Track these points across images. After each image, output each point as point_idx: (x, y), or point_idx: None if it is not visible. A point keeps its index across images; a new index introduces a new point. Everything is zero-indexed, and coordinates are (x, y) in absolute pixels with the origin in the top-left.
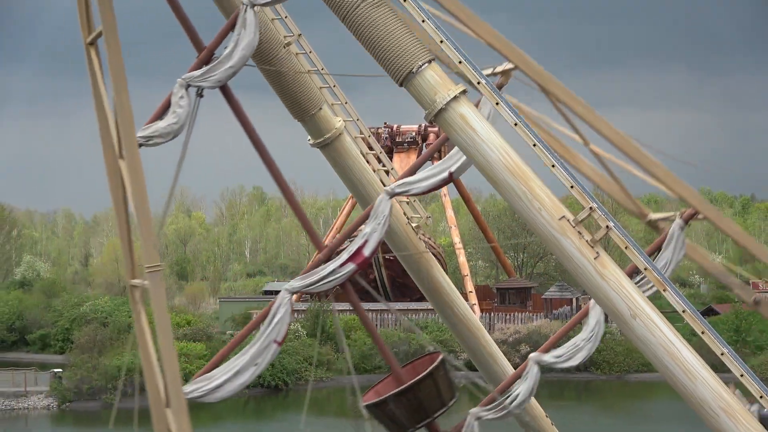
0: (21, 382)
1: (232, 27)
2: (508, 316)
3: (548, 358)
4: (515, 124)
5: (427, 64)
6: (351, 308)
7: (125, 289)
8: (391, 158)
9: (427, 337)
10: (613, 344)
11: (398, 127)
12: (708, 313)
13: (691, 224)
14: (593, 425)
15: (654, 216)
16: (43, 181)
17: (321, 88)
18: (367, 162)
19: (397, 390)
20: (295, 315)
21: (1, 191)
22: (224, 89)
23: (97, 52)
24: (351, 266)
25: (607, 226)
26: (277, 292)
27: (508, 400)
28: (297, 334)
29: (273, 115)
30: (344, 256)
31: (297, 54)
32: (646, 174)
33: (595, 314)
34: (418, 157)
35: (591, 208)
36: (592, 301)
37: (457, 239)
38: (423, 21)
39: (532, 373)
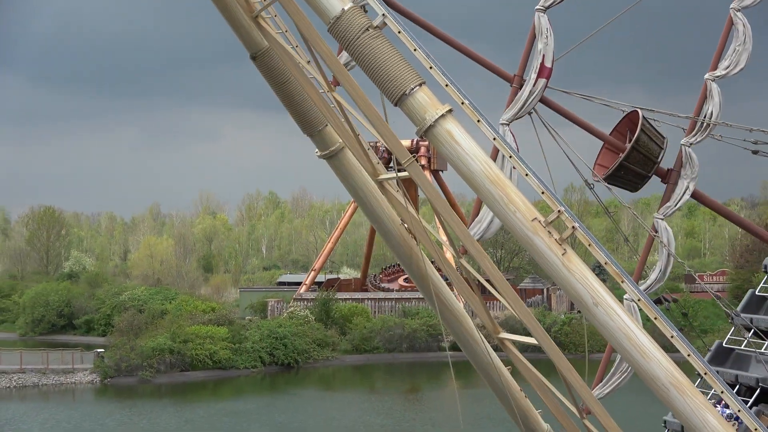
0: (69, 361)
1: None
2: (488, 304)
3: None
4: (494, 138)
5: (418, 87)
6: (351, 298)
7: (159, 281)
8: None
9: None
10: (579, 328)
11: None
12: (659, 301)
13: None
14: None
15: None
16: (88, 188)
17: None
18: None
19: (625, 154)
20: (302, 302)
21: (52, 197)
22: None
23: (267, 21)
24: (542, 81)
25: (573, 227)
26: (288, 284)
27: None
28: (306, 320)
29: (286, 130)
30: (533, 76)
31: (300, 65)
32: None
33: None
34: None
35: (559, 211)
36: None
37: (444, 238)
38: (415, 50)
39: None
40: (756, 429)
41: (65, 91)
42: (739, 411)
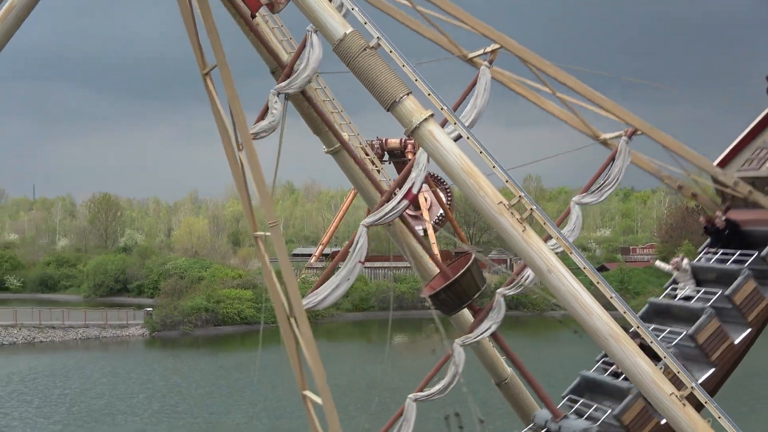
0: (124, 318)
1: (302, 48)
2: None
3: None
4: (468, 138)
5: (405, 96)
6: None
7: (196, 253)
8: (382, 162)
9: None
10: (537, 288)
11: (386, 140)
12: (601, 269)
13: (632, 139)
14: (523, 348)
15: (605, 136)
16: (139, 178)
17: (332, 112)
18: (365, 164)
19: (445, 284)
20: (312, 271)
21: (110, 185)
22: (304, 93)
23: (212, 80)
24: (404, 202)
25: (531, 209)
26: (301, 255)
27: (525, 279)
28: (316, 280)
29: (298, 131)
30: (398, 196)
31: (315, 89)
32: (599, 108)
33: None
34: (399, 163)
35: (520, 196)
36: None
37: (427, 217)
38: (403, 65)
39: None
40: (678, 372)
41: (123, 96)
42: (665, 357)
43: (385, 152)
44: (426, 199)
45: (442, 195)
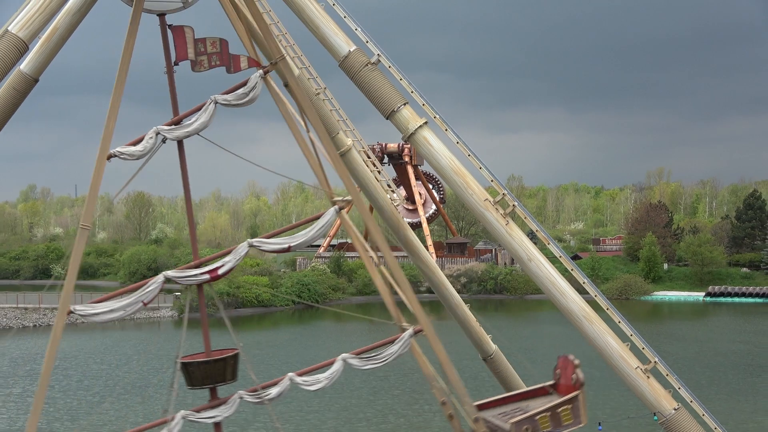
0: (155, 301)
1: (199, 109)
2: (452, 260)
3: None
4: (457, 142)
5: (403, 106)
6: (356, 255)
7: (219, 244)
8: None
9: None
10: (518, 277)
11: (386, 144)
12: (574, 258)
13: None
14: (507, 327)
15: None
16: (168, 178)
17: (338, 120)
18: (367, 165)
19: (200, 360)
20: (321, 259)
21: (143, 184)
22: (180, 143)
23: (272, 78)
24: (206, 276)
25: (513, 205)
26: (311, 246)
27: (266, 396)
28: (324, 271)
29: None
30: (205, 269)
31: (323, 100)
32: None
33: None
34: (397, 165)
35: (504, 194)
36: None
37: (421, 212)
38: (401, 79)
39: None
40: (643, 348)
41: (154, 107)
42: (631, 335)
43: (385, 155)
44: (420, 195)
45: (435, 192)
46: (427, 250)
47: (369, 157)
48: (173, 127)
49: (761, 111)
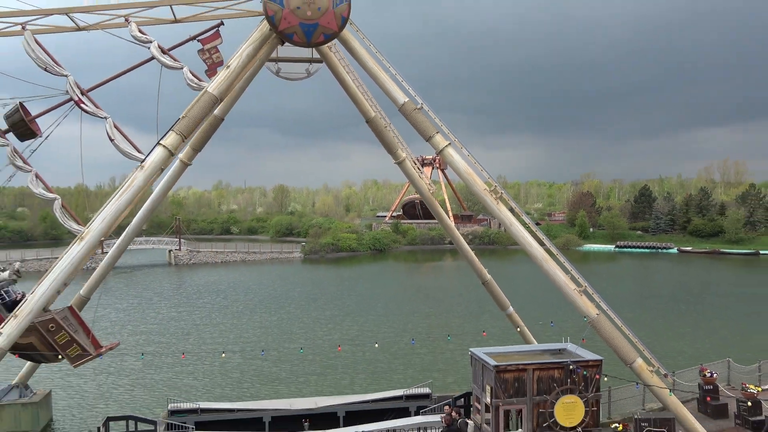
0: (289, 249)
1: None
2: (464, 225)
3: None
4: (468, 155)
5: (436, 134)
6: (408, 222)
7: (327, 215)
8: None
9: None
10: (503, 235)
11: (424, 156)
12: (537, 224)
13: None
14: (496, 266)
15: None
16: (298, 175)
17: (397, 141)
18: (414, 169)
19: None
20: (387, 224)
21: (284, 179)
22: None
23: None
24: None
25: (501, 193)
26: (380, 216)
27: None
28: (388, 231)
29: (382, 153)
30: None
31: (388, 129)
32: None
33: None
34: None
35: (495, 186)
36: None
37: (446, 196)
38: (435, 118)
39: None
40: (578, 277)
41: (297, 135)
42: (570, 270)
43: (423, 163)
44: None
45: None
46: (449, 218)
47: (415, 164)
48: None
49: (647, 138)
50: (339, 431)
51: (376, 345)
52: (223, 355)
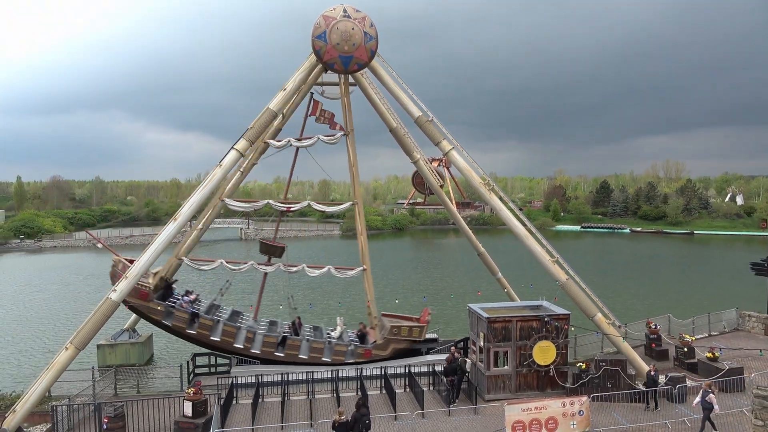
0: (330, 227)
1: (309, 138)
2: (464, 210)
3: None
4: (467, 156)
5: (442, 140)
6: (420, 206)
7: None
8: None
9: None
10: (494, 217)
11: (433, 158)
12: (520, 210)
13: None
14: (488, 242)
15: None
16: (336, 167)
17: (413, 145)
18: (426, 167)
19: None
20: (405, 209)
21: (324, 175)
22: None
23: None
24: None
25: (492, 185)
26: (400, 202)
27: None
28: (405, 214)
29: (400, 156)
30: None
31: (406, 136)
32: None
33: None
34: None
35: (488, 180)
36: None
37: (450, 188)
38: (442, 128)
39: None
40: (556, 258)
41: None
42: (545, 244)
43: (433, 162)
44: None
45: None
46: (453, 204)
47: (427, 163)
48: (299, 139)
49: (606, 144)
50: (367, 365)
51: (396, 301)
52: (281, 306)
